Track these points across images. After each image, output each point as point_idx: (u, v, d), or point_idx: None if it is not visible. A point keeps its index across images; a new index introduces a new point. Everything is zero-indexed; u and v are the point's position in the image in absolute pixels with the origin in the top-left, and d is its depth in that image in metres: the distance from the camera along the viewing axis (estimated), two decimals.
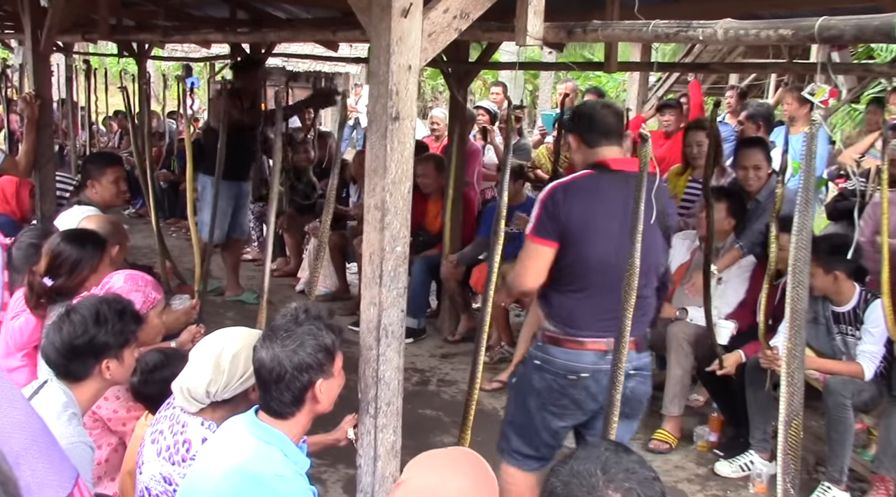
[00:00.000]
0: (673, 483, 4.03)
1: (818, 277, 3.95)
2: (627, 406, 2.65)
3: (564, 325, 2.75)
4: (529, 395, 2.85)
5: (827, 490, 3.81)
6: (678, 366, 4.42)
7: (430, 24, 2.25)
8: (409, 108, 2.23)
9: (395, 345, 2.29)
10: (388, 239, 2.25)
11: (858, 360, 3.87)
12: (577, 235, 2.67)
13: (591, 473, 1.30)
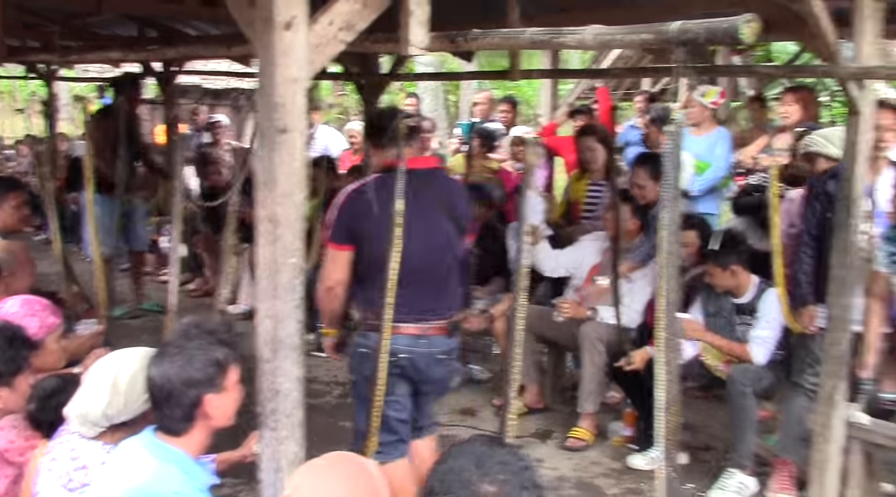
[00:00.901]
0: (589, 479, 4.13)
1: (717, 276, 4.12)
2: (441, 386, 3.17)
3: (375, 316, 2.98)
4: (364, 385, 3.08)
5: (732, 475, 3.95)
6: (591, 364, 4.52)
7: (315, 37, 2.28)
8: (297, 120, 2.25)
9: (293, 356, 2.30)
10: (281, 251, 2.26)
11: (749, 344, 4.04)
12: (371, 235, 2.97)
13: (465, 469, 1.32)
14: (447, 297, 3.16)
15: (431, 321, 3.08)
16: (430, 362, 3.10)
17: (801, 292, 3.95)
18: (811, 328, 3.89)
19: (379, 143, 3.13)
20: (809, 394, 3.91)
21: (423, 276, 3.02)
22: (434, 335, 3.10)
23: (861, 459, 3.81)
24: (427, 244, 3.02)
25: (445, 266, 3.14)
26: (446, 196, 3.16)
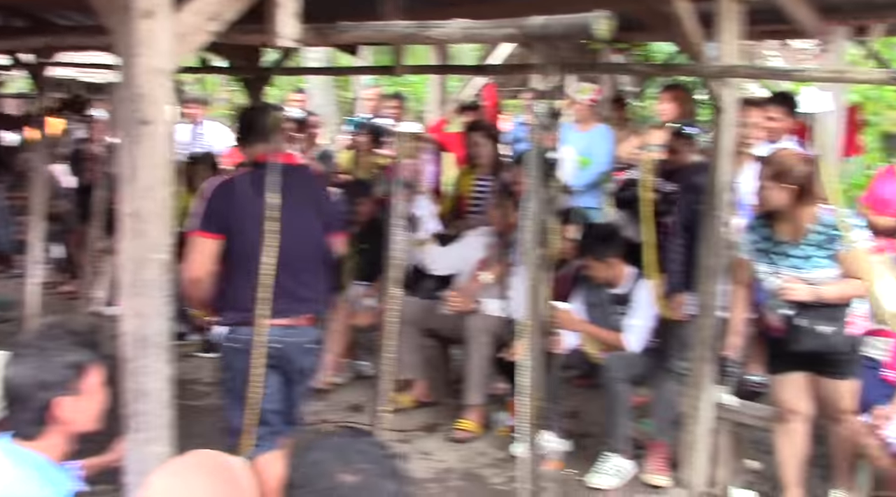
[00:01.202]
0: (475, 469, 4.19)
1: (595, 267, 4.25)
2: (309, 375, 3.25)
3: (248, 309, 3.02)
4: (235, 380, 3.10)
5: (610, 459, 4.09)
6: (477, 356, 4.58)
7: (180, 26, 2.22)
8: (160, 112, 2.19)
9: (161, 355, 2.24)
10: (146, 247, 2.19)
11: (624, 332, 4.19)
12: (238, 227, 3.02)
13: (326, 460, 1.31)
14: (315, 289, 3.24)
15: (301, 312, 3.15)
16: (300, 352, 3.18)
17: (673, 281, 4.12)
18: (681, 315, 4.07)
19: (247, 138, 3.18)
20: (680, 378, 4.09)
21: (292, 270, 3.05)
22: (303, 325, 3.18)
23: (729, 439, 4.01)
24: (295, 238, 3.05)
25: (313, 259, 3.23)
26: (313, 192, 3.27)
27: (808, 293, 3.41)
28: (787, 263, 3.49)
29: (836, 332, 3.45)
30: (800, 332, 3.46)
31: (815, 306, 3.43)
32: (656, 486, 4.00)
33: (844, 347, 3.50)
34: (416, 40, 2.10)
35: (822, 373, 3.63)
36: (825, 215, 3.43)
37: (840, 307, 3.46)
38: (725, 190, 3.81)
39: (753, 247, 3.63)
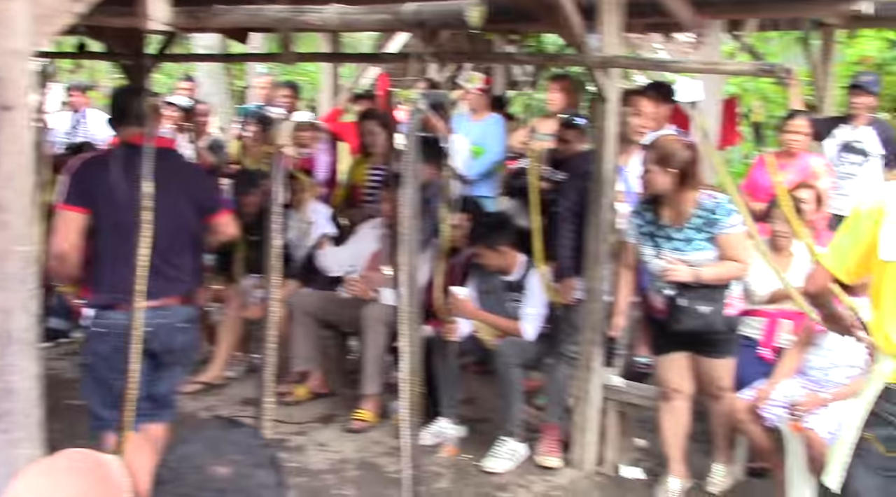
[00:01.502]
0: (371, 458, 4.18)
1: (487, 256, 4.30)
2: (182, 354, 3.23)
3: (114, 291, 3.02)
4: (98, 365, 3.09)
5: (505, 443, 4.16)
6: (374, 346, 4.57)
7: (39, 7, 2.11)
8: (21, 96, 2.07)
9: (28, 352, 2.13)
10: (9, 238, 2.08)
11: (522, 321, 4.27)
12: (103, 204, 3.01)
13: (196, 453, 1.27)
14: (185, 269, 3.26)
15: (171, 293, 3.14)
16: (172, 332, 3.17)
17: (563, 266, 4.22)
18: (570, 300, 4.17)
19: (119, 120, 3.17)
20: (571, 362, 4.20)
21: (159, 251, 3.01)
22: (174, 305, 3.18)
23: (616, 419, 4.15)
24: (164, 220, 2.99)
25: (183, 240, 3.24)
26: (184, 175, 3.27)
27: (688, 274, 3.54)
28: (670, 246, 3.62)
29: (714, 311, 3.60)
30: (681, 312, 3.60)
31: (695, 287, 3.57)
32: (549, 467, 4.08)
33: (723, 327, 3.66)
34: (291, 25, 2.06)
35: (703, 352, 3.79)
36: (706, 200, 3.57)
37: (718, 288, 3.62)
38: (610, 177, 3.92)
39: (638, 230, 3.75)
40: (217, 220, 3.41)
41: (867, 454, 2.39)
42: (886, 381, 2.35)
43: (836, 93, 6.40)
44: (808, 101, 6.01)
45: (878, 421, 2.36)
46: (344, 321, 4.95)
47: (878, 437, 2.36)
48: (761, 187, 4.79)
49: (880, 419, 2.36)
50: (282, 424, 4.57)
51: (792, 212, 3.61)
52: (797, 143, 5.10)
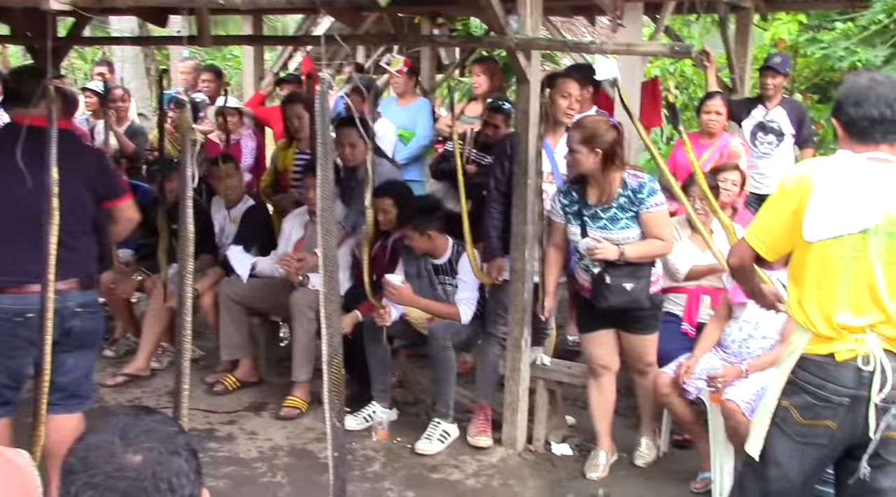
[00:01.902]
0: (302, 445, 4.16)
1: (415, 239, 4.30)
2: (81, 339, 3.16)
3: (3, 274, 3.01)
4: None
5: (437, 425, 4.18)
6: (303, 332, 4.53)
7: None
8: None
9: None
10: None
11: (458, 305, 4.29)
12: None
13: (108, 442, 1.24)
14: (83, 254, 3.22)
15: (67, 277, 3.06)
16: (68, 316, 3.10)
17: (491, 247, 4.25)
18: (499, 280, 4.21)
19: (10, 100, 3.14)
20: (501, 342, 4.24)
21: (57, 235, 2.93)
22: (71, 290, 3.12)
23: (546, 396, 4.22)
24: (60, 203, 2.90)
25: (80, 225, 3.19)
26: (79, 158, 3.19)
27: (614, 252, 3.62)
28: (597, 225, 3.70)
29: (639, 288, 3.68)
30: (607, 289, 3.67)
31: (621, 265, 3.66)
32: (480, 447, 4.12)
33: (647, 304, 3.75)
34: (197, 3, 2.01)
35: (628, 329, 3.88)
36: (630, 179, 3.65)
37: (643, 266, 3.70)
38: (534, 159, 3.96)
39: (564, 210, 3.81)
40: (117, 206, 3.36)
41: (784, 421, 2.48)
42: (803, 351, 2.44)
43: (752, 75, 6.59)
44: (725, 83, 6.16)
45: (795, 389, 2.46)
46: (272, 308, 4.90)
47: (794, 404, 2.45)
48: (682, 167, 4.91)
49: (796, 387, 2.45)
50: (211, 414, 4.52)
51: (708, 190, 3.71)
52: (714, 124, 5.23)
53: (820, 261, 2.38)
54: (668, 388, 3.78)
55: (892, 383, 2.35)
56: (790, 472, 2.50)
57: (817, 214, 2.33)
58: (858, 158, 2.39)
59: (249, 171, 6.03)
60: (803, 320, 2.44)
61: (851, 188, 2.34)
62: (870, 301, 2.36)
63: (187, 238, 2.03)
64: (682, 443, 4.22)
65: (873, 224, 2.31)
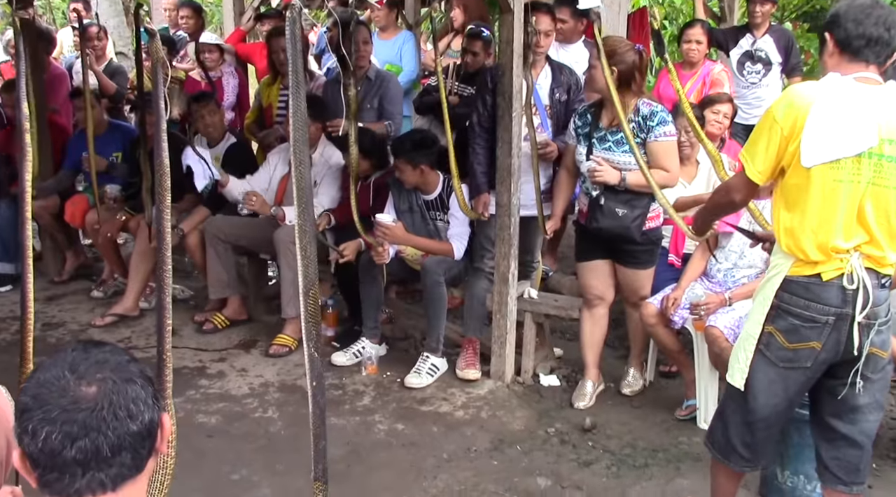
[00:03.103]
0: (292, 381, 4.19)
1: (407, 173, 4.26)
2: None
3: None
4: None
5: (426, 359, 4.22)
6: (289, 268, 4.50)
7: None
8: None
9: None
10: None
11: (451, 241, 4.29)
12: None
13: (59, 377, 1.23)
14: None
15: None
16: None
17: (477, 181, 4.23)
18: (485, 215, 4.20)
19: None
20: (489, 276, 4.25)
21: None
22: None
23: (533, 329, 4.25)
24: None
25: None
26: None
27: (614, 176, 3.65)
28: (602, 147, 3.72)
29: (631, 216, 3.70)
30: (599, 211, 3.71)
31: (619, 191, 3.68)
32: (469, 380, 4.17)
33: (639, 237, 3.75)
34: None
35: (623, 262, 3.90)
36: (643, 107, 3.64)
37: (641, 196, 3.70)
38: (518, 90, 3.90)
39: (576, 131, 3.83)
40: None
41: (768, 347, 2.49)
42: (786, 274, 2.44)
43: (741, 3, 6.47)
44: (714, 12, 6.06)
45: (779, 314, 2.46)
46: (259, 246, 4.89)
47: (778, 328, 2.46)
48: (666, 98, 4.87)
49: (781, 311, 2.46)
50: (202, 352, 4.55)
51: (695, 121, 3.67)
52: (694, 53, 5.17)
53: (817, 187, 2.34)
54: (654, 318, 3.81)
55: (874, 301, 2.37)
56: (773, 399, 2.53)
57: (814, 139, 2.30)
58: (847, 80, 2.35)
59: (232, 109, 5.94)
60: (792, 247, 2.42)
61: (846, 112, 2.31)
62: (858, 222, 2.36)
63: (164, 173, 2.00)
64: (668, 373, 4.28)
65: (867, 147, 2.30)
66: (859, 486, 2.59)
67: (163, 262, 1.98)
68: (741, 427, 2.60)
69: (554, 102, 4.22)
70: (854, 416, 2.50)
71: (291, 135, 1.81)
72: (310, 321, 1.85)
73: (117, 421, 1.18)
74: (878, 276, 2.40)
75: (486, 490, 3.25)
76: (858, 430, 2.52)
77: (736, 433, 2.62)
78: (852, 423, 2.51)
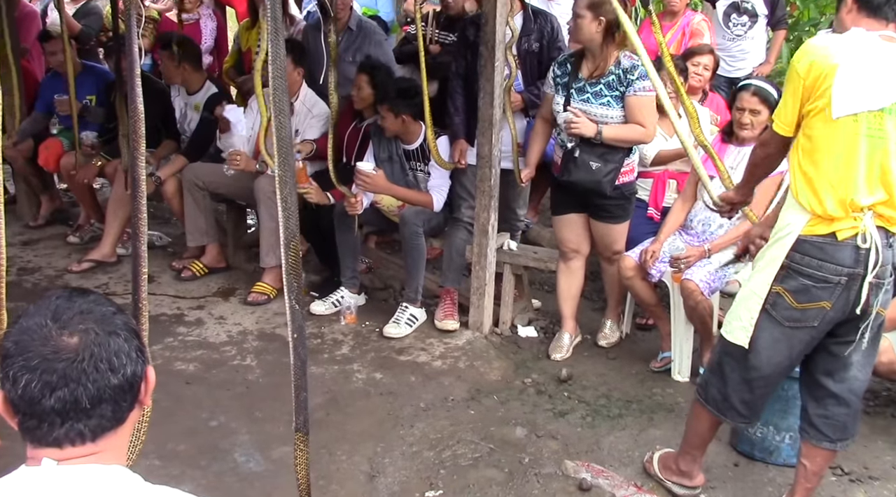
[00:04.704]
0: (271, 329, 4.20)
1: (389, 120, 4.21)
2: None
3: None
4: None
5: (405, 309, 4.23)
6: (269, 218, 4.47)
7: None
8: None
9: None
10: None
11: (430, 193, 4.27)
12: None
13: (41, 325, 1.21)
14: None
15: None
16: None
17: (455, 131, 4.20)
18: (462, 164, 4.18)
19: None
20: (468, 227, 4.25)
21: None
22: None
23: (512, 281, 4.27)
24: None
25: None
26: None
27: (591, 129, 3.61)
28: (580, 98, 3.67)
29: (604, 170, 3.67)
30: (573, 162, 3.68)
31: (595, 145, 3.65)
32: (447, 330, 4.19)
33: (609, 190, 3.73)
34: None
35: (597, 216, 3.90)
36: (625, 59, 3.61)
37: (616, 151, 3.68)
38: (501, 39, 3.85)
39: (556, 81, 3.77)
40: None
41: (774, 307, 2.49)
42: (800, 234, 2.43)
43: None
44: None
45: (790, 274, 2.45)
46: (237, 194, 4.85)
47: (788, 289, 2.46)
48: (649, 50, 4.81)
49: (791, 272, 2.45)
50: (180, 299, 4.54)
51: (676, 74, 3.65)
52: (676, 2, 5.12)
53: (840, 140, 2.35)
54: (632, 272, 3.83)
55: (884, 260, 2.40)
56: (777, 357, 2.54)
57: (843, 91, 2.30)
58: (872, 37, 2.36)
59: (210, 53, 5.84)
60: (811, 201, 2.40)
61: (871, 66, 2.31)
62: (878, 180, 2.36)
63: (138, 118, 1.96)
64: (644, 326, 4.33)
65: (891, 103, 2.31)
66: (844, 442, 2.64)
67: (138, 210, 1.96)
68: (741, 384, 2.62)
69: (521, 52, 4.16)
70: (845, 374, 2.55)
71: (271, 83, 1.78)
72: (291, 273, 1.84)
73: (98, 373, 1.17)
74: (888, 234, 2.41)
75: (462, 438, 3.29)
76: (847, 388, 2.56)
77: (734, 390, 2.63)
78: (842, 382, 2.55)
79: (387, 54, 4.91)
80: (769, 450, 3.15)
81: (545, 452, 3.21)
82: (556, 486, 3.01)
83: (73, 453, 1.18)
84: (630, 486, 3.00)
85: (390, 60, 4.89)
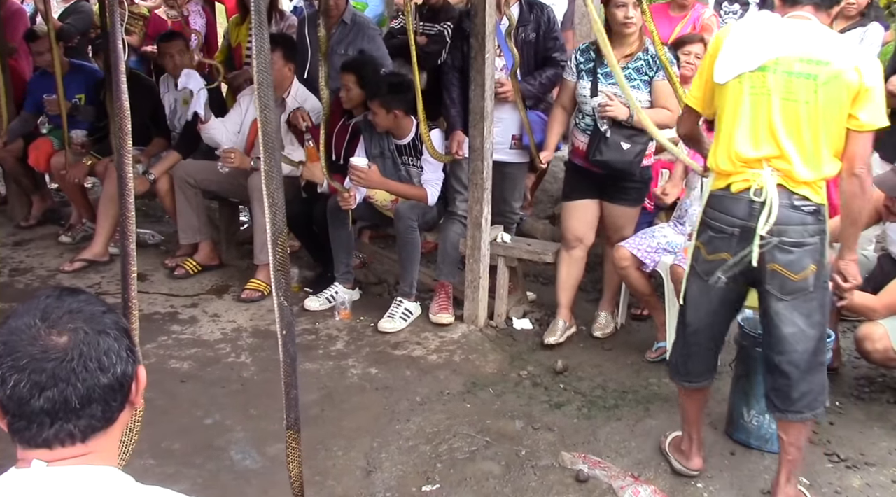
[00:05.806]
0: (265, 326, 4.18)
1: (380, 116, 4.19)
2: None
3: None
4: None
5: (400, 304, 4.22)
6: (262, 214, 4.43)
7: None
8: None
9: None
10: None
11: (424, 187, 4.25)
12: None
13: (30, 325, 1.20)
14: None
15: None
16: None
17: (449, 120, 4.18)
18: (460, 153, 4.16)
19: None
20: (462, 220, 4.24)
21: None
22: None
23: (506, 273, 4.26)
24: None
25: None
26: None
27: (624, 112, 3.70)
28: (609, 82, 3.74)
29: (633, 151, 3.75)
30: (604, 142, 3.75)
31: (625, 126, 3.73)
32: (442, 324, 4.18)
33: (637, 172, 3.83)
34: None
35: (614, 199, 3.94)
36: (651, 45, 3.71)
37: (643, 133, 3.70)
38: (491, 31, 3.83)
39: (579, 67, 3.83)
40: None
41: (696, 260, 2.69)
42: (711, 190, 2.64)
43: None
44: None
45: (702, 227, 2.66)
46: (229, 191, 4.83)
47: (702, 242, 2.66)
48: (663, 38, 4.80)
49: (703, 225, 2.65)
50: (173, 297, 4.52)
51: (668, 63, 3.65)
52: None
53: (730, 101, 2.53)
54: (627, 261, 3.82)
55: (780, 218, 2.49)
56: (699, 311, 2.73)
57: (724, 58, 2.52)
58: (775, 16, 2.55)
59: (200, 49, 5.80)
60: (712, 160, 2.62)
61: (753, 34, 2.51)
62: (767, 135, 2.51)
63: (124, 116, 1.94)
64: (639, 316, 4.33)
65: (767, 60, 2.45)
66: (794, 414, 2.69)
67: (125, 209, 1.94)
68: (681, 341, 2.84)
69: (518, 42, 4.15)
70: (782, 346, 2.63)
71: (255, 77, 1.76)
72: (279, 269, 1.83)
73: (87, 372, 1.16)
74: (790, 194, 2.51)
75: (458, 432, 3.28)
76: (787, 360, 2.63)
77: (677, 348, 2.87)
78: (780, 354, 2.64)
79: (380, 49, 4.88)
80: (765, 438, 3.15)
81: (542, 444, 3.20)
82: (553, 477, 3.01)
83: (63, 454, 1.17)
84: (627, 477, 2.99)
85: (384, 55, 4.85)
